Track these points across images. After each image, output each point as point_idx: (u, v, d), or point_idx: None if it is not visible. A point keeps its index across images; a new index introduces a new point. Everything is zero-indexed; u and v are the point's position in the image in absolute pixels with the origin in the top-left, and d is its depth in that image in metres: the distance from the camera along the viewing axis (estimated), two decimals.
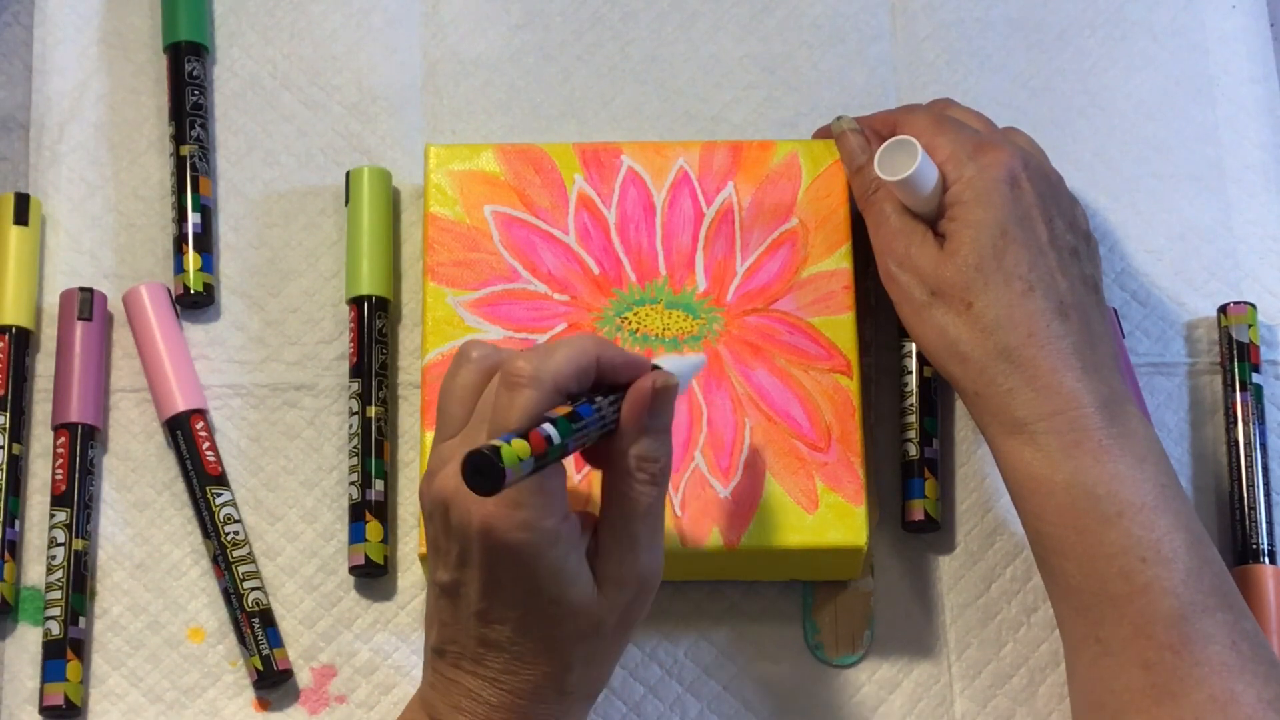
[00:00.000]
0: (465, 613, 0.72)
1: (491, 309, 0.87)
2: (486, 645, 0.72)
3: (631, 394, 0.72)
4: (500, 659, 0.72)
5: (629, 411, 0.72)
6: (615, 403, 0.72)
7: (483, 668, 0.73)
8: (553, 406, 0.69)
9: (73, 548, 0.86)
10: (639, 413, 0.72)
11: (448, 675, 0.74)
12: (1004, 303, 0.80)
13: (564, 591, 0.71)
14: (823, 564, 0.85)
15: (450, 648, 0.73)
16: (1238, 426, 0.89)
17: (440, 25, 0.97)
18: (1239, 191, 0.95)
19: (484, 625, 0.72)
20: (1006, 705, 0.86)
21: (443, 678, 0.74)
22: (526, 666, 0.72)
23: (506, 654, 0.72)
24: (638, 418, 0.72)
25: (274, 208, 0.94)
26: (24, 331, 0.90)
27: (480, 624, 0.72)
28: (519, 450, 0.66)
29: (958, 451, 0.90)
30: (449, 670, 0.74)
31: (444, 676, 0.74)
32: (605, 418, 0.71)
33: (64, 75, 0.96)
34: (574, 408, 0.70)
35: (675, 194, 0.89)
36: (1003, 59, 0.97)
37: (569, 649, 0.72)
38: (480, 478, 0.65)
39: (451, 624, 0.73)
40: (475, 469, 0.65)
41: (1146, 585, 0.75)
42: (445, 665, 0.74)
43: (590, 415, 0.70)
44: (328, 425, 0.90)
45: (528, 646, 0.72)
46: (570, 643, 0.72)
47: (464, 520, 0.70)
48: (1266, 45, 0.98)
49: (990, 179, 0.82)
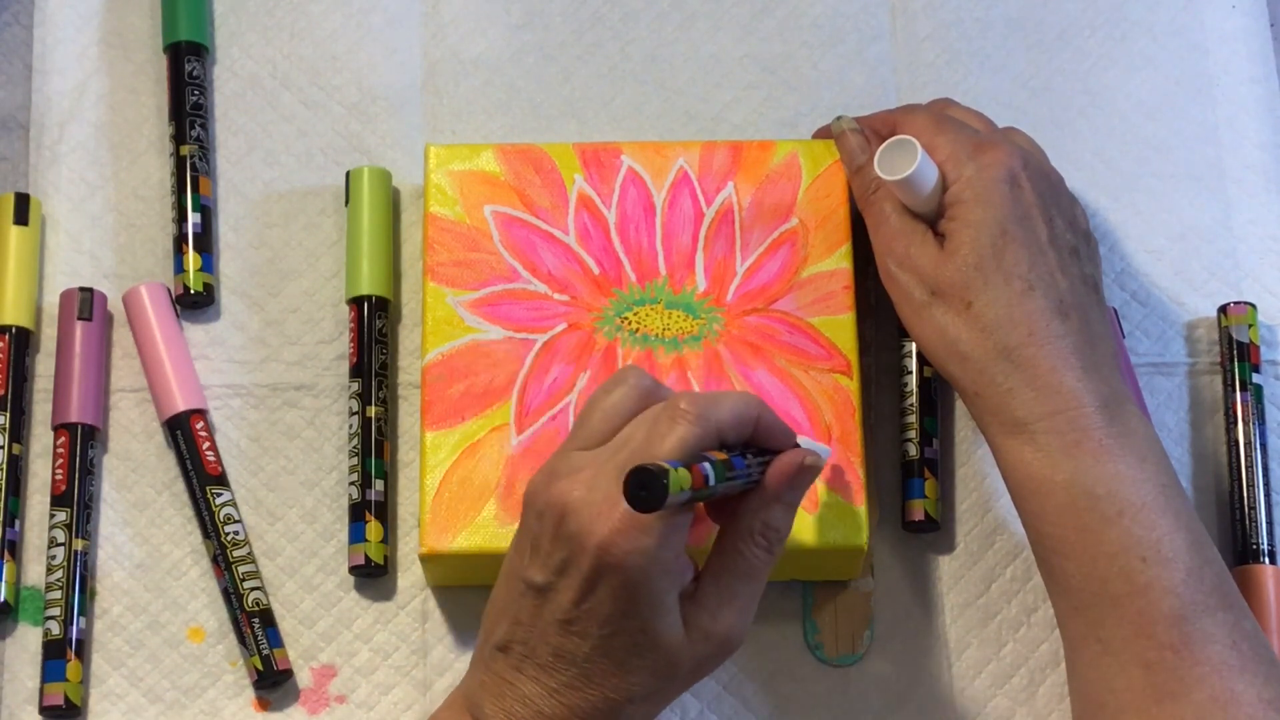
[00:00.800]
0: (548, 618, 0.72)
1: (491, 309, 0.87)
2: (560, 655, 0.72)
3: (783, 463, 0.73)
4: (569, 673, 0.73)
5: (776, 478, 0.73)
6: (762, 464, 0.73)
7: (548, 676, 0.73)
8: (706, 449, 0.71)
9: (73, 548, 0.86)
10: (784, 482, 0.73)
11: (505, 675, 0.74)
12: (1004, 302, 0.80)
13: (656, 624, 0.72)
14: (823, 564, 0.85)
15: (518, 647, 0.73)
16: (1238, 426, 0.89)
17: (440, 25, 0.97)
18: (1239, 191, 0.95)
19: (564, 635, 0.72)
20: (1006, 705, 0.86)
21: (498, 677, 0.74)
22: (592, 686, 0.73)
23: (577, 669, 0.72)
24: (781, 486, 0.73)
25: (274, 208, 0.94)
26: (24, 331, 0.90)
27: (561, 632, 0.72)
28: (682, 480, 0.68)
29: (958, 451, 0.90)
30: (508, 670, 0.73)
31: (500, 676, 0.74)
32: (751, 475, 0.73)
33: (64, 75, 0.96)
34: (729, 457, 0.72)
35: (675, 194, 0.89)
36: (1003, 59, 0.97)
37: (639, 681, 0.73)
38: (643, 493, 0.67)
39: (528, 624, 0.73)
40: (641, 484, 0.67)
41: (1147, 585, 0.75)
42: (505, 664, 0.74)
43: (741, 468, 0.72)
44: (328, 425, 0.90)
45: (601, 667, 0.72)
46: (643, 675, 0.73)
47: (583, 531, 0.70)
48: (1266, 45, 0.98)
49: (990, 178, 0.82)
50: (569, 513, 0.71)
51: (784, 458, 0.74)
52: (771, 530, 0.74)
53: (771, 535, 0.74)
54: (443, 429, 0.84)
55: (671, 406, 0.72)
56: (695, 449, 0.71)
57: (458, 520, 0.83)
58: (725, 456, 0.72)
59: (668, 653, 0.72)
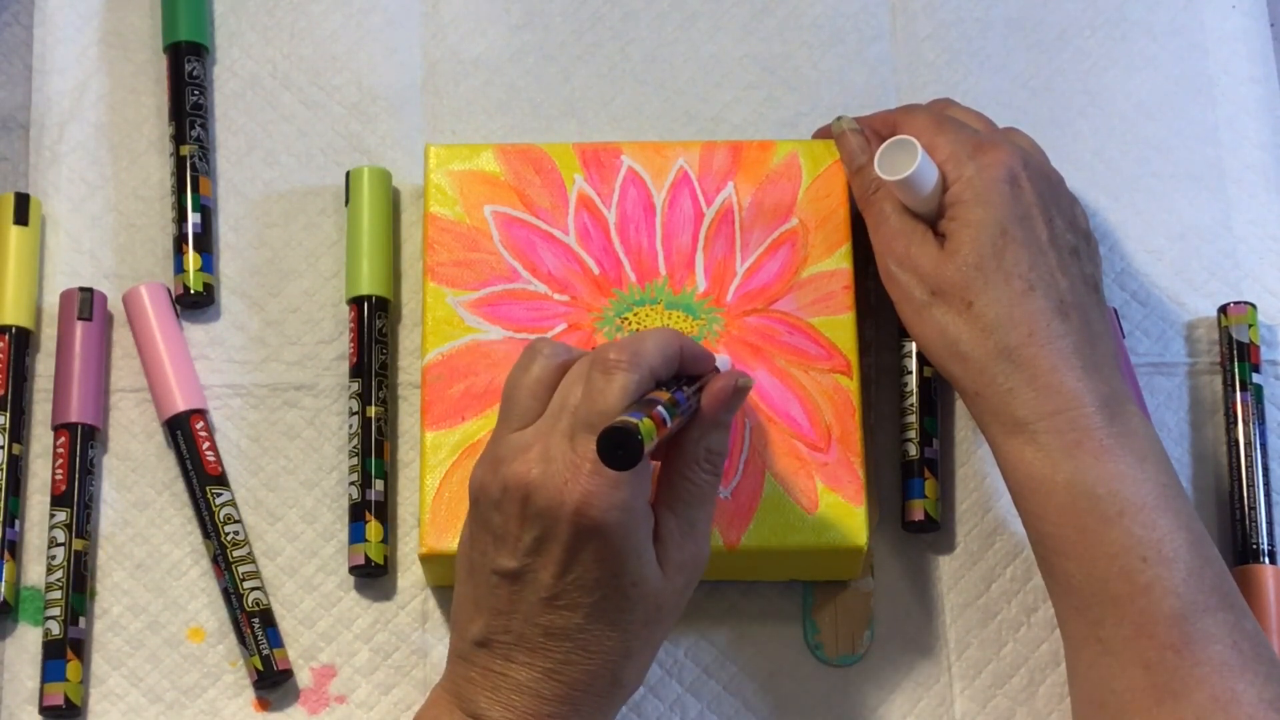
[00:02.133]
0: (530, 600, 0.73)
1: (491, 309, 0.87)
2: (550, 633, 0.73)
3: (716, 389, 0.75)
4: (562, 648, 0.73)
5: (712, 404, 0.74)
6: (696, 392, 0.74)
7: (540, 657, 0.73)
8: (646, 392, 0.72)
9: (73, 548, 0.86)
10: (721, 407, 0.75)
11: (493, 668, 0.74)
12: (1004, 302, 0.80)
13: (641, 572, 0.72)
14: (823, 564, 0.85)
15: (501, 638, 0.73)
16: (1238, 426, 0.89)
17: (440, 25, 0.97)
18: (1239, 191, 0.95)
19: (552, 611, 0.72)
20: (1006, 705, 0.86)
21: (487, 671, 0.74)
22: (588, 656, 0.73)
23: (570, 642, 0.73)
24: (718, 411, 0.75)
25: (274, 208, 0.94)
26: (24, 331, 0.90)
27: (547, 610, 0.72)
28: (649, 429, 0.69)
29: (958, 451, 0.90)
30: (495, 663, 0.74)
31: (488, 669, 0.74)
32: (691, 406, 0.74)
33: (64, 75, 0.96)
34: (671, 394, 0.72)
35: (675, 194, 0.89)
36: (1003, 59, 0.97)
37: (634, 634, 0.73)
38: (619, 451, 0.68)
39: (508, 613, 0.73)
40: (616, 444, 0.68)
41: (1148, 585, 0.75)
42: (491, 657, 0.74)
43: (684, 401, 0.73)
44: (328, 425, 0.90)
45: (595, 633, 0.73)
46: (636, 627, 0.73)
47: (553, 502, 0.71)
48: (1266, 45, 0.98)
49: (990, 178, 0.82)
50: (532, 490, 0.71)
51: (717, 383, 0.75)
52: (714, 454, 0.75)
53: (714, 458, 0.75)
54: (443, 429, 0.84)
55: (601, 360, 0.72)
56: (636, 394, 0.72)
57: (458, 520, 0.83)
58: (669, 395, 0.72)
59: (654, 596, 0.73)
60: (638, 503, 0.72)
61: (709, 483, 0.75)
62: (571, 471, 0.71)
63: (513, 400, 0.75)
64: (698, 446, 0.74)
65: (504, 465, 0.73)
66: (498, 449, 0.74)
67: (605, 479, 0.71)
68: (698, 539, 0.75)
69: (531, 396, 0.74)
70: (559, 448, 0.72)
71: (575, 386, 0.73)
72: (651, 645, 0.75)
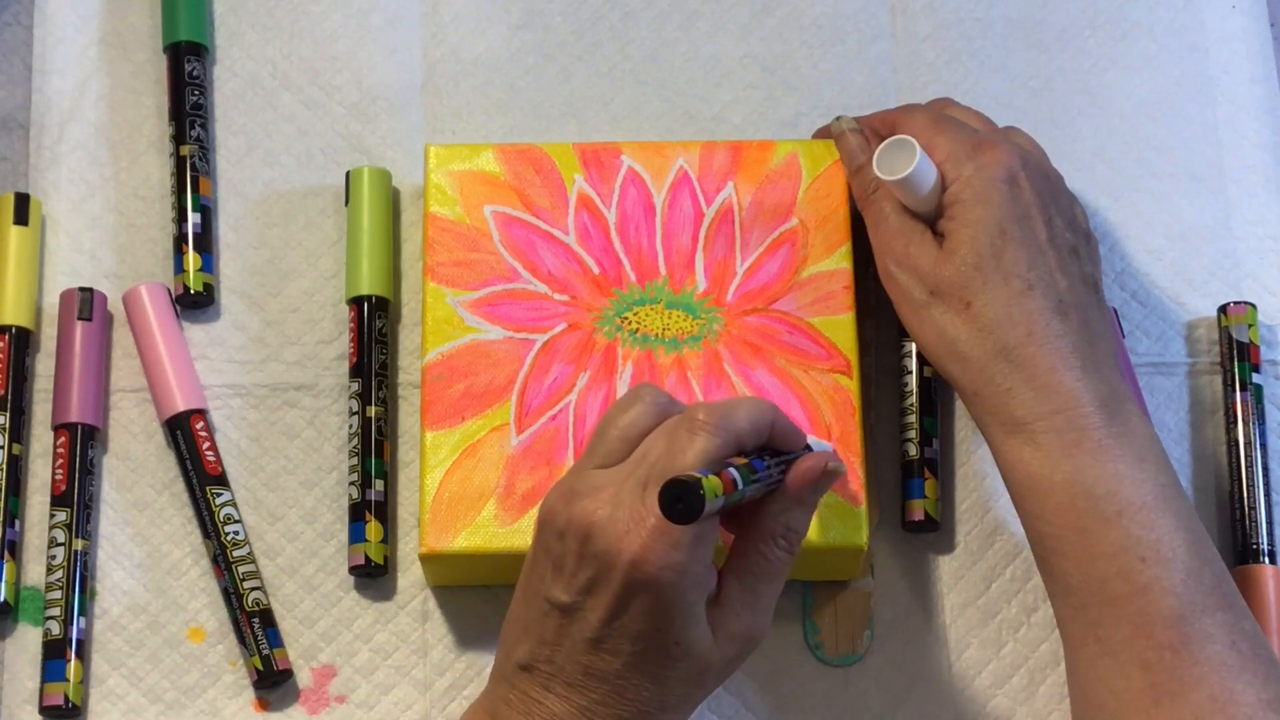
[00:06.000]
0: (576, 637, 0.72)
1: (491, 309, 0.87)
2: (590, 674, 0.72)
3: (805, 467, 0.74)
4: (600, 690, 0.73)
5: (798, 482, 0.74)
6: (780, 466, 0.74)
7: (577, 694, 0.73)
8: (726, 458, 0.72)
9: (73, 548, 0.86)
10: (807, 486, 0.74)
11: (531, 694, 0.73)
12: (1003, 302, 0.80)
13: (688, 634, 0.72)
14: (823, 564, 0.85)
15: (544, 666, 0.73)
16: (1238, 426, 0.89)
17: (440, 25, 0.97)
18: (1239, 191, 0.95)
19: (594, 653, 0.72)
20: (1006, 705, 0.86)
21: (524, 695, 0.74)
22: (625, 702, 0.73)
23: (608, 686, 0.73)
24: (802, 489, 0.74)
25: (274, 208, 0.94)
26: (24, 331, 0.90)
27: (590, 651, 0.72)
28: (715, 487, 0.68)
29: (958, 451, 0.90)
30: (534, 689, 0.73)
31: (526, 694, 0.74)
32: (772, 478, 0.73)
33: (64, 75, 0.96)
34: (749, 461, 0.72)
35: (675, 194, 0.89)
36: (1003, 59, 0.97)
37: (672, 690, 0.73)
38: (679, 505, 0.67)
39: (553, 643, 0.73)
40: (676, 496, 0.67)
41: (1146, 585, 0.75)
42: (531, 683, 0.74)
43: (763, 471, 0.72)
44: (328, 425, 0.90)
45: (633, 681, 0.72)
46: (676, 684, 0.73)
47: (610, 549, 0.70)
48: (1266, 45, 0.98)
49: (989, 178, 0.82)
50: (595, 532, 0.71)
51: (806, 461, 0.74)
52: (792, 532, 0.74)
53: (792, 536, 0.74)
54: (443, 429, 0.84)
55: (689, 419, 0.72)
56: (716, 459, 0.71)
57: (458, 520, 0.83)
58: (746, 461, 0.72)
59: (699, 660, 0.73)
60: (695, 566, 0.71)
61: (782, 560, 0.74)
62: (635, 523, 0.70)
63: (603, 437, 0.74)
64: (776, 521, 0.74)
65: (576, 500, 0.72)
66: (575, 481, 0.73)
67: (666, 538, 0.70)
68: (758, 613, 0.74)
69: (621, 438, 0.74)
70: (629, 496, 0.71)
71: (660, 440, 0.73)
72: (691, 702, 0.75)
